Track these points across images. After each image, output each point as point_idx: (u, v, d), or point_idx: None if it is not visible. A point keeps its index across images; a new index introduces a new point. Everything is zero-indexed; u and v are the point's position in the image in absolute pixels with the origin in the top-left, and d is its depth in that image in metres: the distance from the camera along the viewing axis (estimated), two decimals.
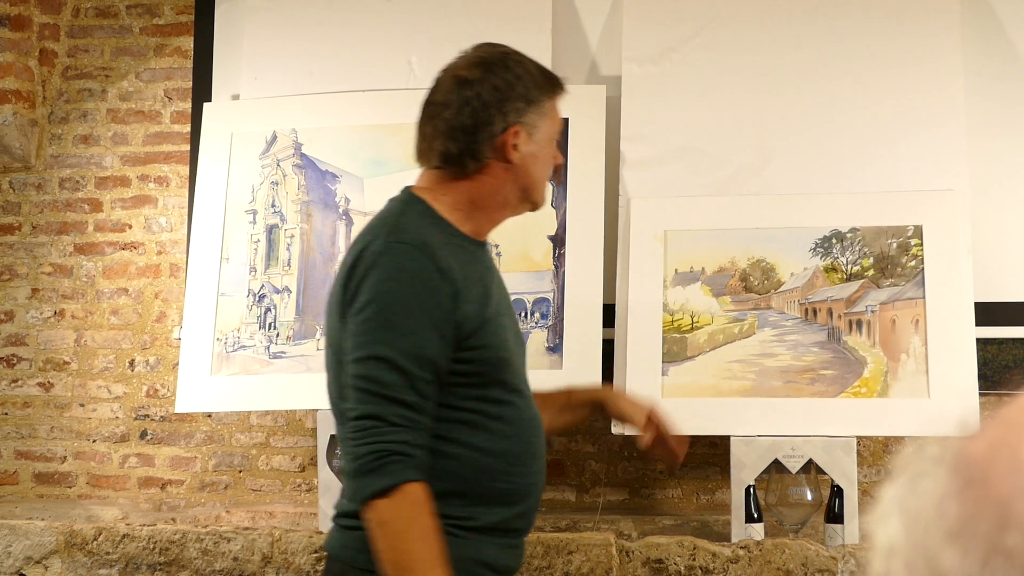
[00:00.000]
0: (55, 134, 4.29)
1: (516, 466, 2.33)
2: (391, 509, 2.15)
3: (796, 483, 3.33)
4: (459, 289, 2.24)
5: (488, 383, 2.31)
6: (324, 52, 3.94)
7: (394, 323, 2.20)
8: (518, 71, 2.32)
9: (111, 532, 3.50)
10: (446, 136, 2.32)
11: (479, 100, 2.30)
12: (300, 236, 3.80)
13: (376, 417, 2.17)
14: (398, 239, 2.25)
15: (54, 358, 4.22)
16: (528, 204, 2.40)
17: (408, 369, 2.19)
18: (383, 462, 2.15)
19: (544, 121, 2.34)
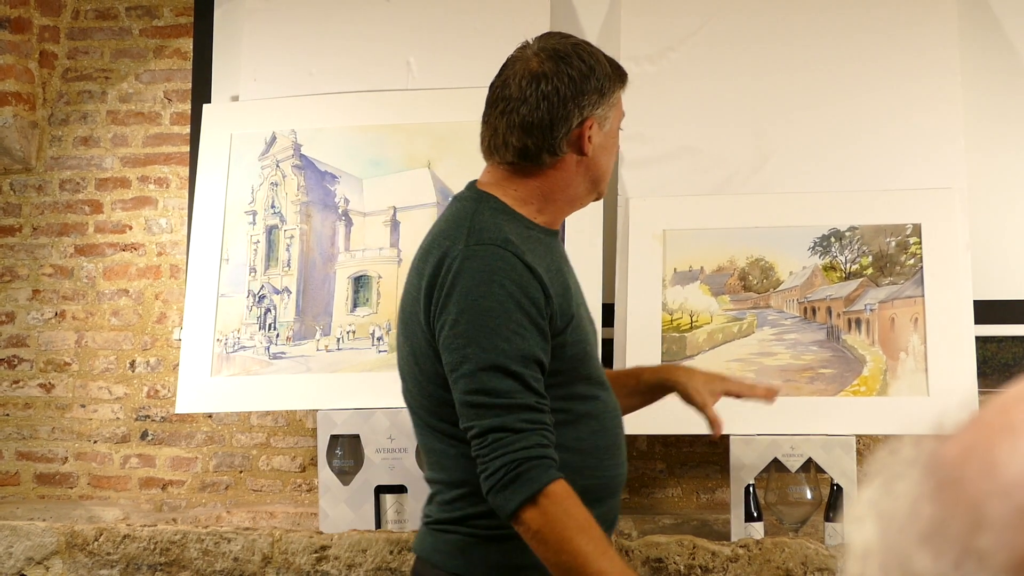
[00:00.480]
0: (55, 136, 4.29)
1: (605, 460, 2.30)
2: (542, 515, 2.09)
3: (796, 482, 3.33)
4: (546, 284, 2.20)
5: (575, 379, 2.27)
6: (323, 53, 3.94)
7: (494, 328, 2.13)
8: (591, 62, 2.28)
9: (112, 533, 3.50)
10: (523, 131, 2.25)
11: (556, 95, 2.24)
12: (300, 237, 3.81)
13: (499, 429, 2.12)
14: (479, 240, 2.19)
15: (55, 359, 4.23)
16: (595, 195, 2.37)
17: (519, 372, 2.13)
18: (519, 471, 2.10)
19: (613, 112, 2.32)
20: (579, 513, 2.12)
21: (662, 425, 3.21)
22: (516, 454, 2.10)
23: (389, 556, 3.32)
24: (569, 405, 2.26)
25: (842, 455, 3.27)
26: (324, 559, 3.36)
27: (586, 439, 2.27)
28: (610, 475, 2.32)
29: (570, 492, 2.12)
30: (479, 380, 2.13)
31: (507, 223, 2.24)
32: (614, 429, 2.34)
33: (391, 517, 3.53)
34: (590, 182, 2.32)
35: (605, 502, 2.30)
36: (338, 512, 3.54)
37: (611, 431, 2.33)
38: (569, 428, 2.25)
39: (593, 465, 2.28)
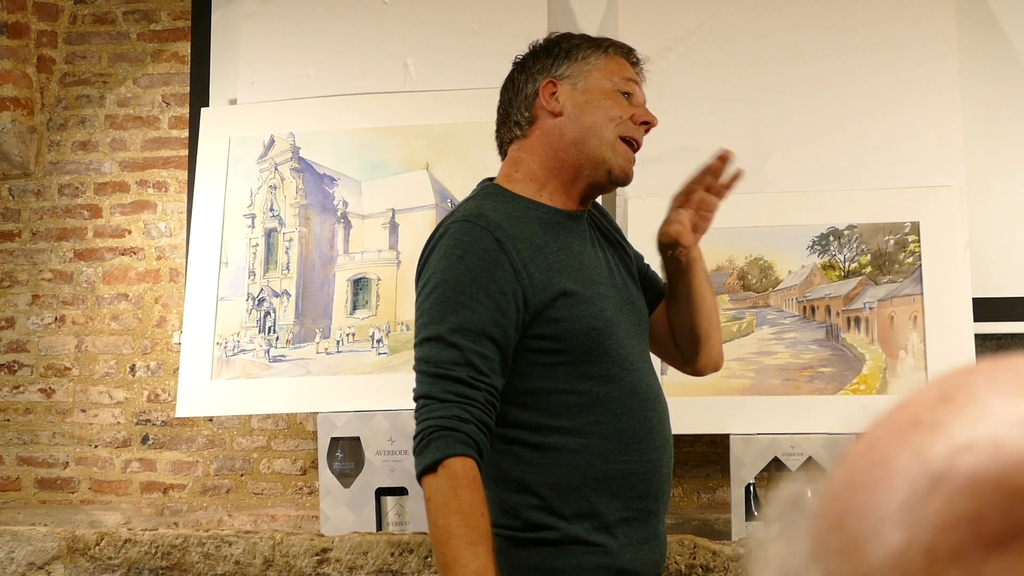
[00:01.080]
0: (54, 141, 4.29)
1: (632, 445, 2.24)
2: (433, 485, 2.10)
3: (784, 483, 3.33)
4: (524, 259, 2.19)
5: (586, 358, 2.22)
6: (321, 56, 3.94)
7: (445, 301, 2.17)
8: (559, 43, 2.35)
9: (113, 537, 3.50)
10: (497, 121, 2.39)
11: (509, 79, 2.37)
12: (299, 239, 3.81)
13: (427, 396, 2.15)
14: (455, 219, 2.24)
15: (55, 364, 4.23)
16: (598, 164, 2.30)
17: (460, 343, 2.14)
18: (429, 439, 2.11)
19: (592, 73, 2.31)
20: (467, 495, 2.10)
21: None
22: (432, 422, 2.12)
23: (390, 558, 3.32)
24: (585, 386, 2.23)
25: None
26: (325, 562, 3.36)
27: (607, 422, 2.23)
28: (641, 459, 2.25)
29: (467, 471, 2.10)
30: (422, 349, 2.18)
31: (494, 203, 2.26)
32: (644, 412, 2.27)
33: (392, 519, 3.53)
34: (575, 143, 2.29)
35: (637, 487, 2.24)
36: (339, 515, 3.54)
37: (639, 414, 2.26)
38: (587, 411, 2.22)
39: (618, 450, 2.23)
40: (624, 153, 2.33)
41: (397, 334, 3.67)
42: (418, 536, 3.32)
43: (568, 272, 2.25)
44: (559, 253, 2.26)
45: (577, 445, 2.20)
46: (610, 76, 2.32)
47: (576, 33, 2.41)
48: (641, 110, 2.35)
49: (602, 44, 2.36)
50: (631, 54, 2.38)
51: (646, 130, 2.37)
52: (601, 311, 2.27)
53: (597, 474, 2.21)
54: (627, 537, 2.24)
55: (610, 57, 2.34)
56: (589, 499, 2.19)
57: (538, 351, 2.21)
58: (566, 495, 2.19)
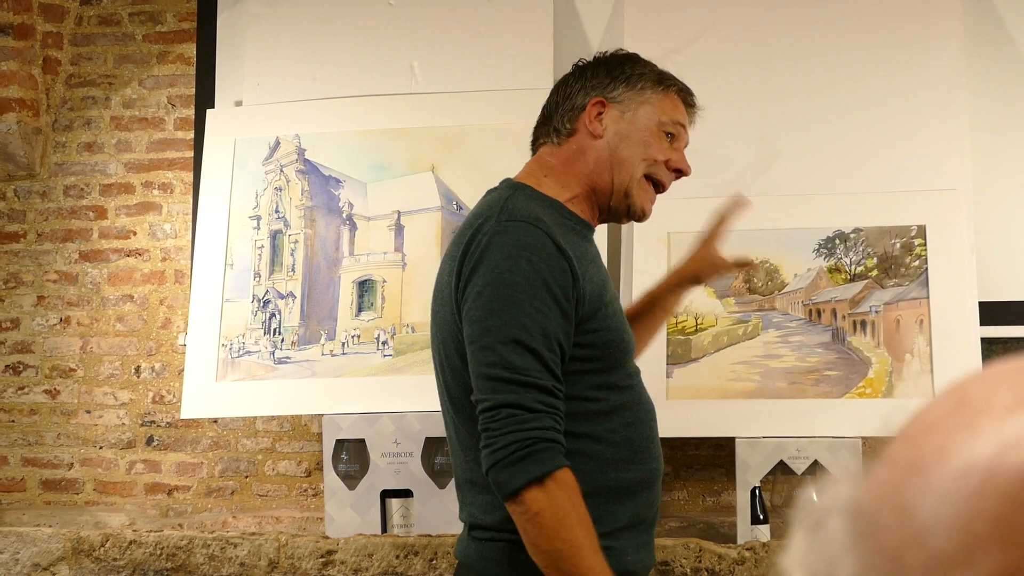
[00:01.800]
0: (59, 142, 4.29)
1: (640, 453, 2.26)
2: (546, 498, 2.05)
3: (801, 484, 3.32)
4: (576, 267, 2.17)
5: (611, 368, 2.23)
6: (326, 57, 3.94)
7: (518, 303, 2.10)
8: (624, 65, 2.35)
9: (118, 538, 3.50)
10: (540, 118, 2.37)
11: (564, 83, 2.36)
12: (304, 241, 3.81)
13: (514, 405, 2.08)
14: (511, 217, 2.17)
15: (60, 365, 4.23)
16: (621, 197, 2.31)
17: (540, 351, 2.10)
18: (531, 450, 2.06)
19: (644, 107, 2.31)
20: (581, 505, 2.08)
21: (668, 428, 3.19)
22: (530, 433, 2.06)
23: (395, 560, 3.31)
24: (605, 395, 2.22)
25: (848, 457, 3.26)
26: (330, 564, 3.35)
27: (620, 431, 2.24)
28: (646, 468, 2.27)
29: (575, 483, 2.09)
30: (498, 353, 2.09)
31: (541, 208, 2.23)
32: (648, 422, 2.30)
33: (397, 521, 3.53)
34: (604, 168, 2.29)
35: (641, 495, 2.26)
36: (344, 517, 3.54)
37: (645, 423, 2.29)
38: (604, 419, 2.22)
39: (628, 458, 2.24)
40: (648, 191, 2.35)
41: (403, 336, 3.66)
42: (423, 539, 3.32)
43: (602, 283, 2.26)
44: (591, 266, 2.26)
45: (593, 452, 2.20)
46: (661, 114, 2.33)
47: (645, 59, 2.39)
48: (678, 156, 2.37)
49: (664, 80, 2.35)
50: (690, 97, 2.39)
51: (676, 177, 2.38)
52: (624, 323, 2.29)
53: (608, 481, 2.22)
54: (629, 540, 2.26)
55: (667, 95, 2.34)
56: (598, 505, 2.18)
57: (574, 358, 2.19)
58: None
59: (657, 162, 2.32)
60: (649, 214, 2.37)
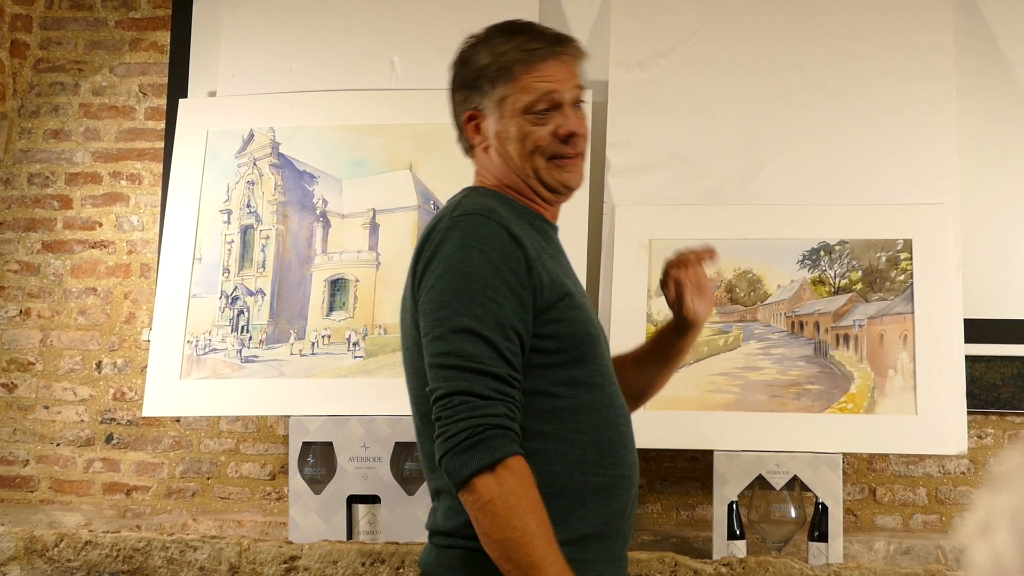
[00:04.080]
0: (25, 128, 4.18)
1: (608, 457, 2.20)
2: (497, 485, 2.02)
3: (780, 500, 3.26)
4: (532, 256, 2.15)
5: (576, 361, 2.18)
6: (304, 50, 3.86)
7: (472, 292, 2.09)
8: (465, 71, 2.29)
9: (73, 539, 3.40)
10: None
11: (449, 95, 2.33)
12: (276, 237, 3.72)
13: (467, 393, 2.06)
14: (463, 212, 2.17)
15: (18, 358, 4.11)
16: (539, 184, 2.26)
17: (493, 339, 2.08)
18: (482, 437, 2.03)
19: (505, 103, 2.24)
20: (534, 493, 2.05)
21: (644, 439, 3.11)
22: (481, 420, 2.04)
23: (360, 568, 3.23)
24: (570, 392, 2.18)
25: (828, 473, 3.20)
26: (293, 570, 3.27)
27: (587, 431, 2.18)
28: (616, 474, 2.21)
29: (528, 470, 2.06)
30: (450, 342, 2.08)
31: (497, 201, 2.22)
32: (620, 426, 2.24)
33: (363, 528, 3.44)
34: (509, 169, 2.27)
35: (611, 502, 2.20)
36: (308, 522, 3.45)
37: (616, 427, 2.22)
38: (569, 417, 2.18)
39: (594, 460, 2.18)
40: (557, 169, 2.28)
41: (374, 337, 3.58)
42: (390, 546, 3.24)
43: (562, 277, 2.22)
44: (550, 259, 2.22)
45: (556, 451, 2.16)
46: (522, 100, 2.25)
47: (486, 45, 2.29)
48: (562, 122, 2.26)
49: (507, 66, 2.25)
50: (550, 50, 2.26)
51: (573, 138, 2.28)
52: (591, 319, 2.25)
53: (573, 484, 2.16)
54: (596, 553, 2.19)
55: (518, 79, 2.25)
56: (562, 508, 2.13)
57: (535, 351, 2.16)
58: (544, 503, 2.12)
59: (543, 145, 2.25)
60: (576, 183, 2.31)
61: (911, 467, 3.62)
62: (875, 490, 3.63)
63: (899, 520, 3.62)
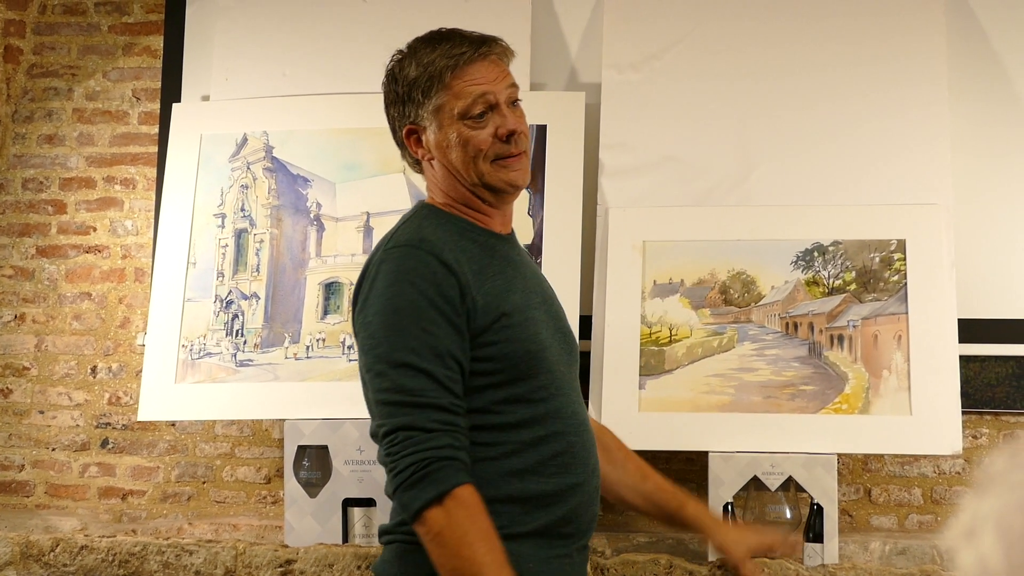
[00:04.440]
0: (19, 133, 4.18)
1: (552, 467, 2.24)
2: (446, 516, 2.07)
3: (775, 501, 3.26)
4: (468, 282, 2.18)
5: (515, 380, 2.22)
6: (297, 54, 3.86)
7: (405, 326, 2.12)
8: (397, 85, 2.31)
9: (69, 543, 3.40)
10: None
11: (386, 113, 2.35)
12: (270, 241, 3.72)
13: (409, 427, 2.10)
14: (395, 244, 2.21)
15: (13, 363, 4.11)
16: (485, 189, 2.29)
17: (432, 370, 2.11)
18: (428, 470, 2.08)
19: (441, 112, 2.26)
20: (483, 521, 2.09)
21: (639, 440, 3.13)
22: (426, 453, 2.09)
23: (356, 571, 3.23)
24: (511, 408, 2.22)
25: (823, 474, 3.20)
26: (289, 573, 3.27)
27: (528, 444, 2.22)
28: (561, 482, 2.25)
29: (477, 499, 2.10)
30: (389, 378, 2.12)
31: (435, 226, 2.25)
32: (568, 435, 2.27)
33: (359, 531, 3.44)
34: (456, 179, 2.29)
35: (553, 508, 2.24)
36: (304, 525, 3.45)
37: (563, 437, 2.26)
38: (510, 431, 2.22)
39: (535, 469, 2.22)
40: (502, 170, 2.30)
41: None
42: None
43: (506, 295, 2.25)
44: (496, 277, 2.25)
45: (495, 458, 2.21)
46: (457, 106, 2.26)
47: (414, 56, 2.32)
48: (501, 122, 2.28)
49: (435, 70, 2.27)
50: (474, 52, 2.30)
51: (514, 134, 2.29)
52: (535, 335, 2.27)
53: (511, 490, 2.21)
54: (535, 549, 2.23)
55: (449, 86, 2.27)
56: (502, 513, 2.18)
57: (473, 372, 2.20)
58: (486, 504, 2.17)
59: (483, 149, 2.27)
60: (523, 181, 2.33)
61: (906, 467, 3.63)
62: (870, 490, 3.63)
63: (894, 520, 3.62)
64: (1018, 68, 3.63)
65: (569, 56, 3.82)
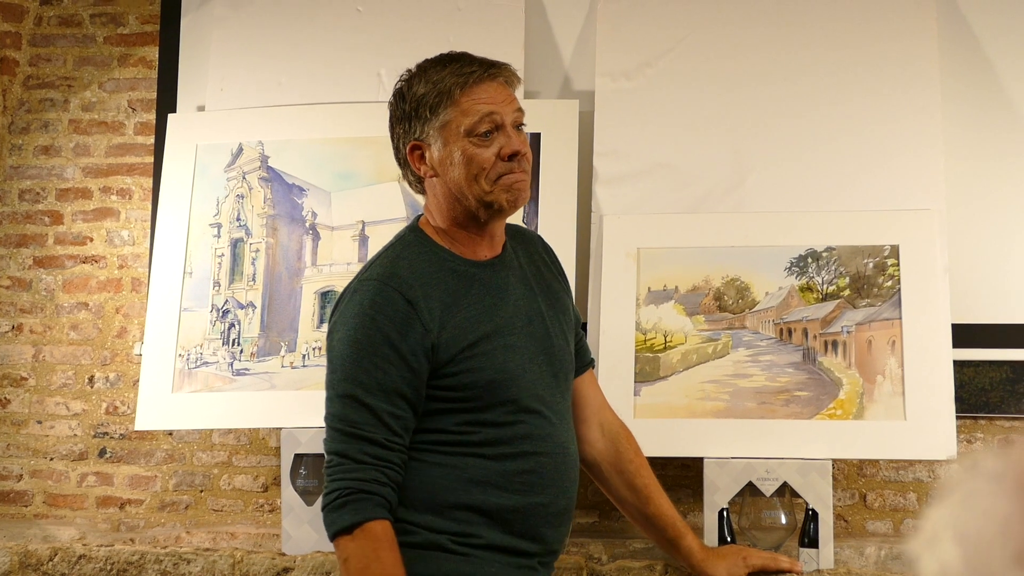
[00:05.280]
0: (15, 144, 4.19)
1: (516, 483, 2.30)
2: (353, 546, 2.17)
3: (770, 506, 3.27)
4: (432, 319, 2.25)
5: (484, 407, 2.29)
6: (292, 63, 3.87)
7: (359, 359, 2.22)
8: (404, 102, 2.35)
9: (67, 552, 3.41)
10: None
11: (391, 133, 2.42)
12: (265, 250, 3.73)
13: (343, 455, 2.20)
14: (368, 276, 2.30)
15: (11, 374, 4.12)
16: (483, 208, 2.32)
17: (374, 405, 2.21)
18: (346, 499, 2.18)
19: (447, 128, 2.30)
20: (388, 558, 2.18)
21: None
22: (350, 483, 2.19)
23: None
24: (474, 429, 2.30)
25: (818, 479, 3.21)
26: None
27: (491, 459, 2.30)
28: (526, 501, 2.32)
29: (388, 536, 2.19)
30: (335, 406, 2.24)
31: (410, 259, 2.31)
32: (540, 457, 2.33)
33: None
34: (456, 197, 2.33)
35: (514, 524, 2.31)
36: (301, 533, 3.45)
37: (534, 458, 2.33)
38: (473, 447, 2.30)
39: (498, 484, 2.29)
40: (504, 189, 2.33)
41: None
42: None
43: (475, 327, 2.30)
44: (468, 308, 2.31)
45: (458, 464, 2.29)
46: (463, 123, 2.29)
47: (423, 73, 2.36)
48: (505, 142, 2.33)
49: (444, 87, 2.31)
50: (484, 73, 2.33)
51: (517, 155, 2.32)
52: (504, 363, 2.33)
53: (473, 501, 2.28)
54: (498, 557, 2.31)
55: (457, 103, 2.30)
56: (459, 519, 2.28)
57: (435, 398, 2.29)
58: (437, 512, 2.27)
59: (487, 168, 2.31)
60: (522, 200, 2.38)
61: (901, 472, 3.64)
62: (865, 496, 3.64)
63: (890, 525, 3.63)
64: (1010, 73, 3.64)
65: (563, 64, 3.83)
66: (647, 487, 2.74)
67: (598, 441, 2.71)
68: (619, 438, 2.72)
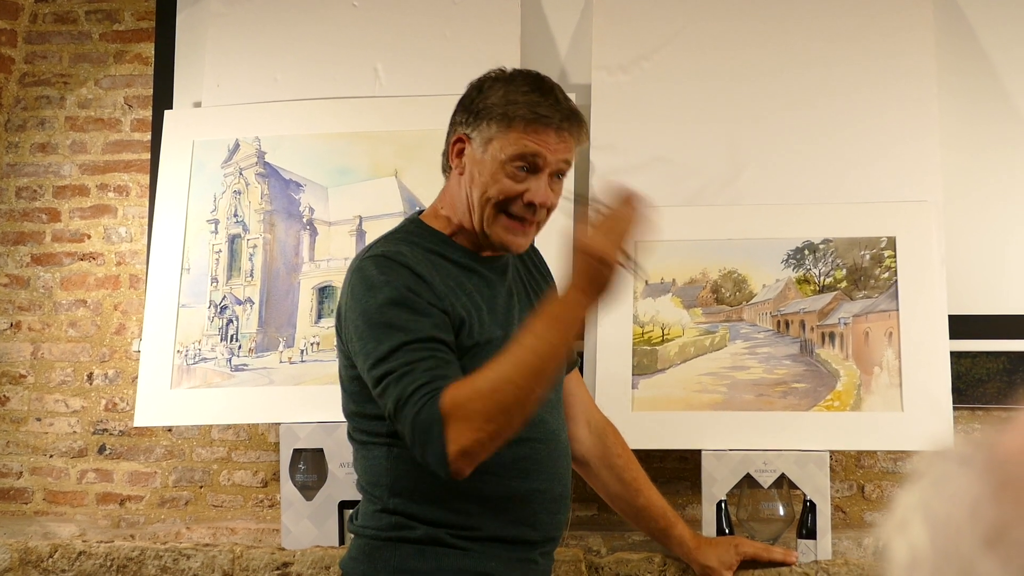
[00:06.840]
0: (12, 142, 4.20)
1: (510, 468, 2.30)
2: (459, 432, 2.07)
3: (768, 498, 3.27)
4: (438, 291, 2.23)
5: None
6: (288, 59, 3.87)
7: (389, 320, 2.16)
8: (474, 99, 2.34)
9: (67, 549, 3.41)
10: None
11: (457, 104, 2.40)
12: (263, 246, 3.73)
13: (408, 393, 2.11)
14: (371, 254, 2.27)
15: (10, 371, 4.12)
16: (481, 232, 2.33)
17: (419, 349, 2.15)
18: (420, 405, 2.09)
19: (492, 143, 2.29)
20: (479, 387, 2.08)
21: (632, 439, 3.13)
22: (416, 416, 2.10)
23: None
24: None
25: (815, 471, 3.22)
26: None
27: None
28: (522, 486, 2.32)
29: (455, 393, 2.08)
30: (383, 367, 2.16)
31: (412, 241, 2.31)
32: (533, 442, 2.34)
33: None
34: (467, 206, 2.33)
35: (512, 511, 2.31)
36: (301, 528, 3.46)
37: (530, 445, 2.33)
38: None
39: (495, 471, 2.27)
40: (504, 227, 2.33)
41: None
42: None
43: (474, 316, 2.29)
44: (464, 298, 2.30)
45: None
46: (506, 150, 2.28)
47: (502, 83, 2.33)
48: (534, 188, 2.29)
49: (510, 114, 2.28)
50: (552, 120, 2.29)
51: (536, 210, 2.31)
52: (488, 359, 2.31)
53: (470, 490, 2.26)
54: (498, 550, 2.31)
55: (511, 130, 2.28)
56: (457, 510, 2.27)
57: None
58: (436, 503, 2.26)
59: (503, 199, 2.29)
60: (517, 247, 2.36)
61: (899, 463, 3.64)
62: (863, 487, 3.65)
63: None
64: (1006, 65, 3.64)
65: (559, 58, 3.83)
66: (636, 480, 2.76)
67: (586, 438, 2.72)
68: (606, 434, 2.73)
